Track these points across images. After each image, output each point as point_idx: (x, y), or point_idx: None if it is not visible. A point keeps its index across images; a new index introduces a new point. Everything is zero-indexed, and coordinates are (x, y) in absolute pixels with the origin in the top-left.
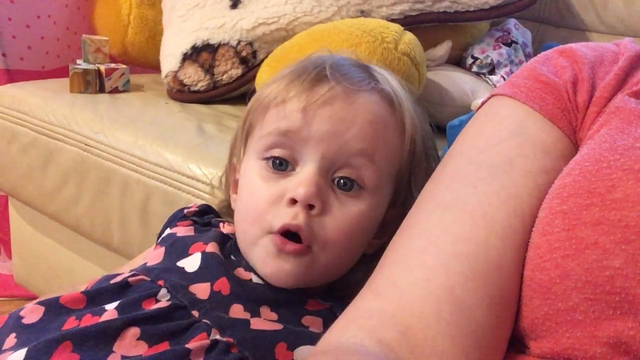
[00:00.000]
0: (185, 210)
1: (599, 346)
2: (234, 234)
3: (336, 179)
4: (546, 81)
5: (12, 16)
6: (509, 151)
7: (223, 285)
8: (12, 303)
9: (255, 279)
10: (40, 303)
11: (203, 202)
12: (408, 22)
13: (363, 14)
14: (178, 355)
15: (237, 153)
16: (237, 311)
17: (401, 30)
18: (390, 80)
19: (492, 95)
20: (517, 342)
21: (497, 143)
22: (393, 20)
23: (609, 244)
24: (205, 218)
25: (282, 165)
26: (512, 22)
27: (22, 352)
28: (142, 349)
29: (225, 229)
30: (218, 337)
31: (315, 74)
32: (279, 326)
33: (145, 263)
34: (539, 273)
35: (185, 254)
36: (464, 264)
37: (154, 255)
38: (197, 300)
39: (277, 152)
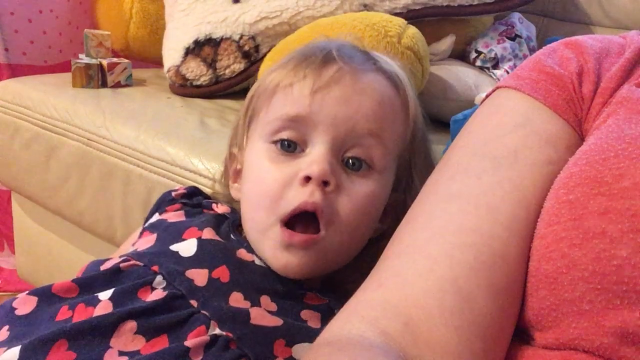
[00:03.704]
0: (173, 193)
1: (606, 336)
2: (229, 213)
3: (346, 159)
4: (551, 73)
5: (15, 11)
6: (513, 142)
7: (222, 272)
8: None
9: (258, 262)
10: (32, 293)
11: None
12: (411, 15)
13: (366, 7)
14: (177, 354)
15: (238, 142)
16: (236, 300)
17: (404, 24)
18: (391, 63)
19: (497, 88)
20: (522, 332)
21: (502, 134)
22: (396, 14)
23: (616, 233)
24: (195, 200)
25: (290, 147)
26: (516, 16)
27: (16, 350)
28: (140, 343)
29: (219, 209)
30: (217, 331)
31: (323, 57)
32: (278, 321)
33: (136, 249)
34: (545, 263)
35: (179, 239)
36: (468, 255)
37: (144, 242)
38: (195, 287)
39: (286, 135)
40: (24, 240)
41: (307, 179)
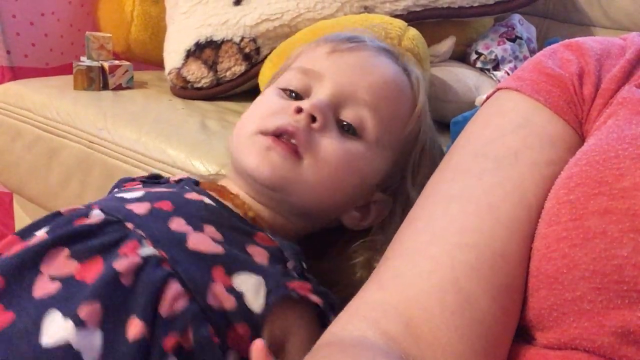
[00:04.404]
0: (132, 178)
1: (607, 336)
2: (186, 178)
3: (340, 120)
4: (552, 74)
5: (16, 13)
6: (514, 143)
7: (165, 204)
8: None
9: (207, 201)
10: None
11: None
12: (412, 17)
13: (366, 9)
14: (107, 281)
15: None
16: (177, 224)
17: (405, 26)
18: (417, 68)
19: (498, 89)
20: (523, 332)
21: (503, 135)
22: (397, 16)
23: (617, 233)
24: (154, 179)
25: (297, 97)
26: (516, 18)
27: None
28: (73, 266)
29: (176, 178)
30: (150, 249)
31: (351, 35)
32: (219, 249)
33: None
34: (546, 263)
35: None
36: (469, 255)
37: None
38: (134, 214)
39: (293, 85)
40: None
41: (299, 110)
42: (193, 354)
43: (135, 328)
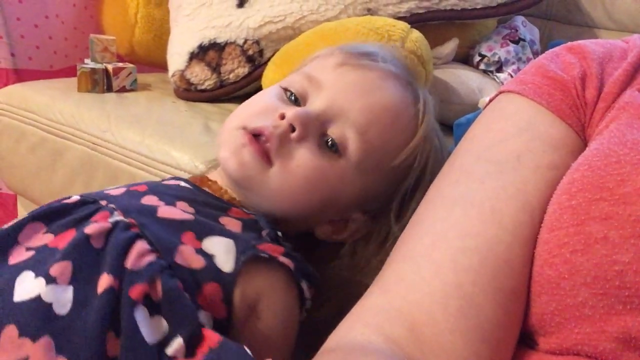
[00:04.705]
0: None
1: (609, 341)
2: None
3: (325, 136)
4: (554, 77)
5: (21, 16)
6: (517, 147)
7: (141, 187)
8: None
9: (183, 184)
10: None
11: None
12: (415, 20)
13: (370, 12)
14: (77, 243)
15: None
16: (149, 200)
17: (408, 28)
18: (430, 103)
19: (500, 92)
20: (525, 337)
21: (505, 139)
22: (400, 18)
23: (618, 239)
24: None
25: (295, 101)
26: (519, 20)
27: None
28: (48, 238)
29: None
30: (120, 218)
31: (368, 51)
32: (190, 217)
33: None
34: (548, 268)
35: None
36: (472, 259)
37: None
38: (109, 195)
39: (294, 87)
40: None
41: (282, 116)
42: (162, 305)
43: (103, 281)
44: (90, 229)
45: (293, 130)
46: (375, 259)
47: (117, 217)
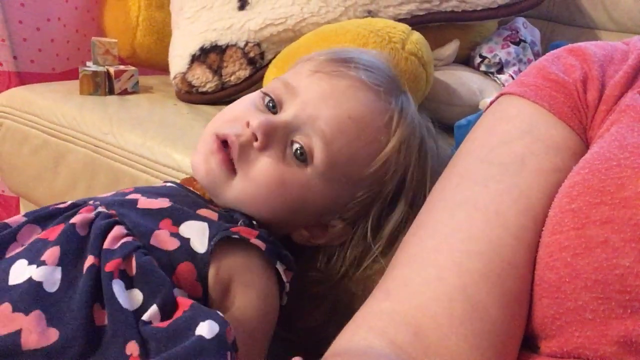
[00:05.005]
0: None
1: (609, 345)
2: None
3: (293, 143)
4: (556, 80)
5: (23, 19)
6: (519, 150)
7: (129, 189)
8: None
9: (168, 184)
10: None
11: None
12: (415, 21)
13: (370, 14)
14: (65, 232)
15: None
16: (132, 196)
17: (408, 30)
18: (412, 114)
19: (501, 94)
20: (527, 341)
21: (508, 141)
22: (400, 20)
23: (619, 243)
24: None
25: (272, 107)
26: (520, 21)
27: None
28: (41, 234)
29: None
30: (102, 209)
31: (346, 57)
32: (166, 203)
33: None
34: (549, 272)
35: None
36: (476, 263)
37: None
38: (97, 197)
39: (273, 93)
40: None
41: (248, 124)
42: (136, 279)
43: (87, 262)
44: (75, 219)
45: (257, 139)
46: (351, 267)
47: (100, 209)
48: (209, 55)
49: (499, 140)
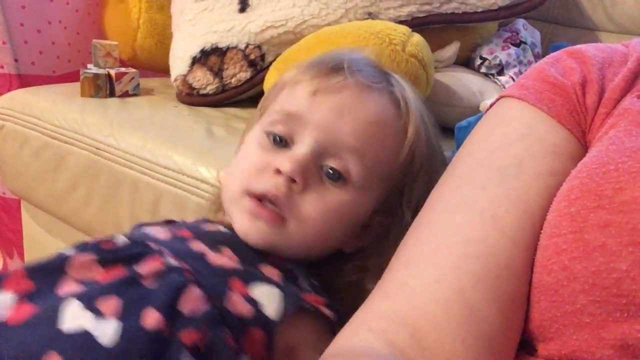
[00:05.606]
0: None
1: (606, 349)
2: (201, 219)
3: (324, 167)
4: (555, 82)
5: (24, 22)
6: (518, 153)
7: (185, 232)
8: None
9: (223, 229)
10: None
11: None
12: (416, 23)
13: (370, 16)
14: (127, 280)
15: (248, 130)
16: (196, 245)
17: (409, 32)
18: (407, 90)
19: (501, 97)
20: (524, 344)
21: (506, 144)
22: (401, 22)
23: (616, 247)
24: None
25: (280, 142)
26: (520, 23)
27: None
28: (97, 271)
29: (190, 219)
30: (173, 262)
31: (333, 64)
32: (236, 265)
33: None
34: (546, 275)
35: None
36: (474, 266)
37: None
38: (157, 238)
39: (278, 129)
40: (33, 247)
41: (278, 171)
42: (207, 355)
43: (152, 319)
44: (142, 269)
45: (294, 180)
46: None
47: (170, 260)
48: (210, 57)
49: (497, 143)
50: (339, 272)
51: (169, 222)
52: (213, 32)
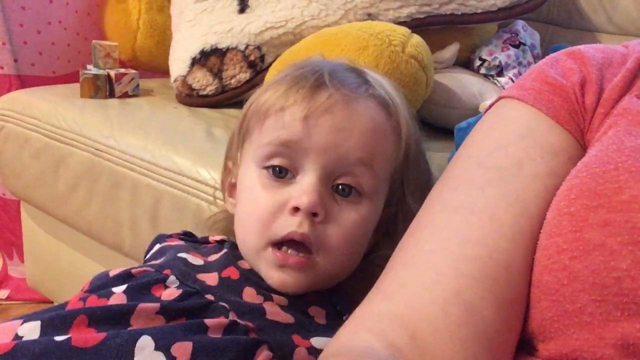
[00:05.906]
0: (168, 234)
1: (607, 348)
2: (227, 240)
3: (336, 186)
4: (554, 83)
5: (24, 22)
6: (516, 154)
7: (231, 272)
8: (25, 306)
9: None
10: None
11: (212, 206)
12: (415, 24)
13: (370, 17)
14: (196, 328)
15: (232, 157)
16: (250, 295)
17: (408, 33)
18: (385, 85)
19: (500, 98)
20: (525, 343)
21: (505, 145)
22: (400, 23)
23: (616, 246)
24: (190, 238)
25: (282, 173)
26: (520, 24)
27: (35, 324)
28: (161, 322)
29: (216, 239)
30: (237, 319)
31: (314, 81)
32: (290, 318)
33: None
34: (547, 275)
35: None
36: (472, 267)
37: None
38: (208, 286)
39: (277, 161)
40: (33, 249)
41: (297, 209)
42: None
43: None
44: (209, 320)
45: (315, 214)
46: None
47: (232, 316)
48: (210, 58)
49: (496, 144)
50: (359, 273)
51: (188, 236)
52: (213, 33)
